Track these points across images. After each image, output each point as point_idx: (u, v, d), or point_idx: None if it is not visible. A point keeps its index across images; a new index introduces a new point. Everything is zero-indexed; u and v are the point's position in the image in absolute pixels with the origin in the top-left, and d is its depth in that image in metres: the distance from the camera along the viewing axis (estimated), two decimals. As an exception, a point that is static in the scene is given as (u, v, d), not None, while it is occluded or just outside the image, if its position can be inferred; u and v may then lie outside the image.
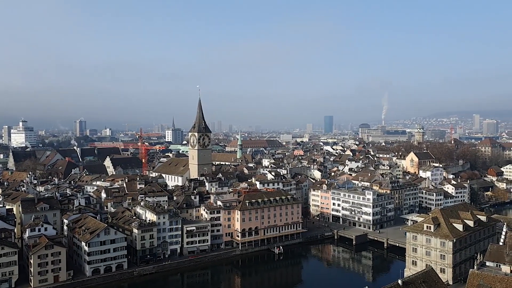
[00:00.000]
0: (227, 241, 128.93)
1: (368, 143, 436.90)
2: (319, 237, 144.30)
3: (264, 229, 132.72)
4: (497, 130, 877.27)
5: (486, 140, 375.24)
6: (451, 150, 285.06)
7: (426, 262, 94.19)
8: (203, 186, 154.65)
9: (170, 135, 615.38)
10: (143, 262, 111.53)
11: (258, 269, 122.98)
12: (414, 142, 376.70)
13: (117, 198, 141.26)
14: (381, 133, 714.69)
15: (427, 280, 63.74)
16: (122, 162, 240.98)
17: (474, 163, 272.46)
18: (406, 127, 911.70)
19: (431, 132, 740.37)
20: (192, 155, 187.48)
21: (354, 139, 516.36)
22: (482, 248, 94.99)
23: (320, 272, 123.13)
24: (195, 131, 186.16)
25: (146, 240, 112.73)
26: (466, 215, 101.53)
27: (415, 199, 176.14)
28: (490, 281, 62.71)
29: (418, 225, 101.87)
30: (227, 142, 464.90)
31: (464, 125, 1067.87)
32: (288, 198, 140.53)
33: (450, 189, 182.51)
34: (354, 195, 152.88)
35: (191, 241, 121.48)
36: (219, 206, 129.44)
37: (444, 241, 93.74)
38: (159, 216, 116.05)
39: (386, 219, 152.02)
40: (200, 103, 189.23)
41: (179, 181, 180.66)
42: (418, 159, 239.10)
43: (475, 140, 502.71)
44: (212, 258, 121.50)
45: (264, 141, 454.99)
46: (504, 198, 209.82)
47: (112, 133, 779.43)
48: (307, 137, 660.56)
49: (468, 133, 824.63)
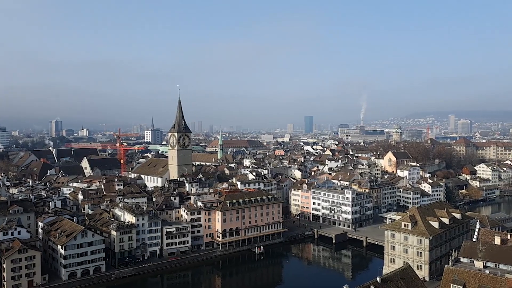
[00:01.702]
0: (207, 242, 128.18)
1: (347, 143, 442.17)
2: (300, 237, 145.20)
3: (245, 229, 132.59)
4: (471, 130, 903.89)
5: (460, 140, 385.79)
6: (428, 150, 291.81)
7: (403, 260, 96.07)
8: (183, 187, 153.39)
9: (149, 135, 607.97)
10: (122, 265, 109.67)
11: (239, 269, 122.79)
12: (392, 142, 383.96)
13: (94, 200, 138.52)
14: (360, 133, 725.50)
15: (404, 277, 65.00)
16: (100, 163, 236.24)
17: (450, 162, 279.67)
18: (384, 127, 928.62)
19: (409, 132, 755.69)
20: (172, 155, 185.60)
21: (334, 139, 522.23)
22: (457, 245, 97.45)
23: (301, 271, 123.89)
24: (175, 131, 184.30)
25: (125, 242, 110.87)
26: (442, 213, 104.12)
27: (393, 197, 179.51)
28: (464, 276, 64.47)
29: (396, 223, 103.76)
30: (207, 142, 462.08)
31: (440, 125, 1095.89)
32: (269, 198, 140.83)
33: (426, 188, 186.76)
34: (333, 194, 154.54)
35: (171, 243, 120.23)
36: (200, 207, 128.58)
37: (420, 238, 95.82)
38: (138, 218, 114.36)
39: (365, 218, 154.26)
40: (180, 103, 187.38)
41: (159, 182, 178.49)
42: (396, 158, 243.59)
43: (450, 139, 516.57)
44: (193, 259, 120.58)
45: (245, 141, 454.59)
46: (478, 196, 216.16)
47: (89, 134, 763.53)
48: (288, 137, 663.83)
49: (444, 133, 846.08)
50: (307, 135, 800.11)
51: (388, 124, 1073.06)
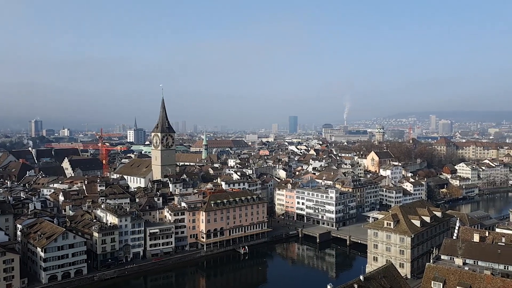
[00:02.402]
0: (191, 243, 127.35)
1: (331, 143, 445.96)
2: (284, 236, 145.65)
3: (230, 229, 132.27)
4: (451, 130, 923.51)
5: (441, 140, 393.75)
6: (410, 149, 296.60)
7: (386, 258, 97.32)
8: (167, 188, 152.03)
9: (132, 135, 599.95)
10: (104, 267, 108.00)
11: (224, 270, 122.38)
12: (374, 142, 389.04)
13: (76, 201, 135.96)
14: (343, 133, 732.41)
15: (387, 275, 65.81)
16: (81, 164, 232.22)
17: (431, 162, 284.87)
18: (367, 127, 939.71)
19: (391, 132, 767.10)
20: (155, 155, 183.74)
21: (318, 139, 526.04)
22: (437, 243, 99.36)
23: (285, 270, 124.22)
24: (158, 131, 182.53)
25: (107, 243, 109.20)
26: (423, 211, 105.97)
27: (376, 197, 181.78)
28: (445, 273, 65.70)
29: (379, 222, 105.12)
30: (191, 143, 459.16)
31: (422, 125, 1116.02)
32: (254, 198, 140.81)
33: (408, 187, 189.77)
34: (317, 194, 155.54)
35: (155, 244, 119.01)
36: (183, 207, 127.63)
37: (403, 237, 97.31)
38: (120, 219, 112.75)
39: (349, 217, 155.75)
40: (163, 103, 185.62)
41: (142, 183, 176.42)
42: (379, 158, 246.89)
43: (431, 139, 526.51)
44: (177, 260, 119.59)
45: (230, 141, 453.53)
46: (458, 194, 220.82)
47: (70, 134, 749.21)
48: (272, 137, 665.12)
49: (425, 133, 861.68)
50: (292, 135, 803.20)
51: (371, 124, 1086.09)
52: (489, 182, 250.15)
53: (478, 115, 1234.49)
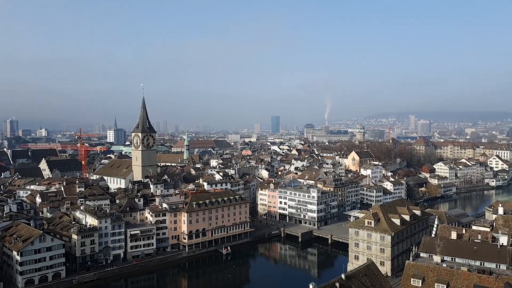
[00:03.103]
0: (173, 244, 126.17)
1: (313, 143, 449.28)
2: (267, 236, 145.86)
3: (212, 230, 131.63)
4: (430, 130, 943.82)
5: (420, 140, 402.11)
6: (390, 149, 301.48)
7: (367, 256, 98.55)
8: (148, 189, 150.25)
9: (112, 135, 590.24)
10: (84, 269, 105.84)
11: (206, 270, 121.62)
12: (355, 142, 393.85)
13: (54, 203, 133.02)
14: (325, 133, 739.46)
15: (368, 273, 66.58)
16: (59, 165, 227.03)
17: (410, 161, 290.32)
18: (348, 127, 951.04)
19: (371, 132, 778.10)
20: (135, 156, 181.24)
21: (300, 139, 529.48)
22: (417, 240, 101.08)
23: (267, 270, 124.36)
24: (139, 131, 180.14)
25: (86, 246, 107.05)
26: (403, 210, 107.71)
27: (356, 196, 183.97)
28: (424, 270, 66.98)
29: (360, 221, 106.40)
30: (173, 143, 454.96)
31: (401, 125, 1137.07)
32: (236, 198, 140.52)
33: (388, 186, 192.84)
34: (299, 193, 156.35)
35: (136, 245, 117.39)
36: (165, 208, 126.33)
37: (383, 235, 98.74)
38: (100, 221, 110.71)
39: (330, 216, 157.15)
40: (144, 102, 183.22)
41: (122, 184, 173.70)
42: (359, 157, 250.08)
43: (410, 139, 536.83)
44: (158, 262, 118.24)
45: (212, 141, 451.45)
46: (436, 193, 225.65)
47: (48, 134, 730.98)
48: (255, 137, 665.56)
49: (405, 132, 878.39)
50: (274, 135, 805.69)
51: (352, 124, 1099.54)
52: (466, 181, 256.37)
53: (456, 115, 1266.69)
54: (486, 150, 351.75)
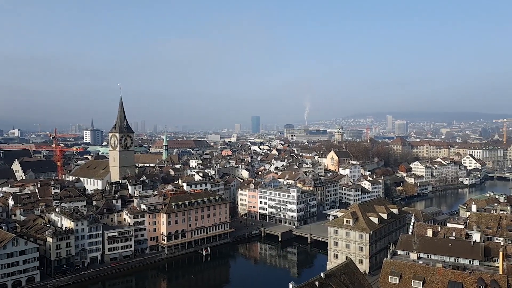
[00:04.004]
0: (152, 246, 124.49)
1: (293, 143, 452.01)
2: (247, 236, 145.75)
3: (191, 231, 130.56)
4: (406, 130, 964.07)
5: (397, 139, 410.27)
6: (367, 149, 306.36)
7: (346, 255, 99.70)
8: (126, 190, 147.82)
9: (89, 135, 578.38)
10: (59, 273, 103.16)
11: (185, 272, 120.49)
12: (334, 142, 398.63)
13: (27, 205, 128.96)
14: (304, 133, 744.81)
15: (347, 272, 67.29)
16: (33, 166, 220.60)
17: (388, 160, 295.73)
18: (327, 127, 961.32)
19: (350, 132, 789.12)
20: (113, 157, 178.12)
21: (280, 139, 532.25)
22: (394, 238, 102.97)
23: (248, 270, 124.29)
24: (116, 132, 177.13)
25: (62, 249, 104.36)
26: (381, 208, 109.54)
27: (335, 195, 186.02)
28: (401, 268, 68.27)
29: (339, 219, 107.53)
30: (151, 143, 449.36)
31: (379, 125, 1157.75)
32: (216, 198, 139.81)
33: (366, 185, 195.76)
34: (279, 193, 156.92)
35: (113, 247, 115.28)
36: (143, 209, 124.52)
37: (361, 233, 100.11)
38: (77, 223, 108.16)
39: (310, 215, 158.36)
40: (121, 102, 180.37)
41: (99, 185, 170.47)
42: (338, 157, 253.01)
43: (388, 139, 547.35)
44: (136, 264, 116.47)
45: (192, 142, 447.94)
46: (413, 192, 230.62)
47: (21, 134, 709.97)
48: (235, 137, 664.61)
49: (382, 132, 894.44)
50: (254, 135, 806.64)
51: (331, 124, 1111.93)
52: (441, 179, 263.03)
53: (431, 116, 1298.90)
54: (460, 149, 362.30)
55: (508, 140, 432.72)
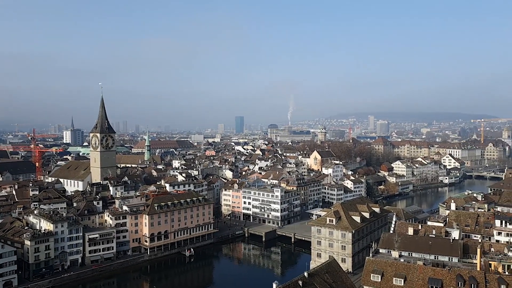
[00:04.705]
0: (134, 247, 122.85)
1: (276, 143, 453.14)
2: (230, 236, 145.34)
3: (174, 232, 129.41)
4: (388, 130, 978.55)
5: (379, 139, 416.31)
6: (350, 149, 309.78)
7: (329, 254, 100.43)
8: (107, 191, 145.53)
9: (69, 136, 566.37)
10: (38, 277, 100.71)
11: (168, 273, 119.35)
12: (317, 142, 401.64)
13: (4, 208, 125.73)
14: (288, 133, 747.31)
15: (330, 271, 67.75)
16: (10, 167, 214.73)
17: (369, 160, 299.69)
18: (310, 127, 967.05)
19: (332, 132, 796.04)
20: (94, 157, 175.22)
21: (264, 139, 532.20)
22: (376, 237, 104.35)
23: (231, 271, 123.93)
24: (97, 132, 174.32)
25: (41, 252, 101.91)
26: (363, 207, 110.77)
27: (318, 194, 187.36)
28: (383, 266, 69.17)
29: (322, 219, 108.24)
30: (133, 143, 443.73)
31: (361, 125, 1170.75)
32: (199, 199, 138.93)
33: (349, 184, 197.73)
34: (263, 193, 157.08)
35: (94, 250, 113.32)
36: (125, 211, 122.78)
37: (344, 232, 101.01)
38: (56, 225, 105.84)
39: (293, 215, 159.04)
40: (102, 102, 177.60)
41: (80, 186, 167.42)
42: (321, 157, 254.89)
43: (370, 139, 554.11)
44: (118, 266, 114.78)
45: (174, 142, 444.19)
46: (394, 191, 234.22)
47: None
48: (219, 137, 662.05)
49: (364, 132, 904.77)
50: (238, 135, 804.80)
51: (314, 124, 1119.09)
52: (422, 178, 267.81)
53: (412, 116, 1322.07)
54: (440, 149, 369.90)
55: (485, 139, 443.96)
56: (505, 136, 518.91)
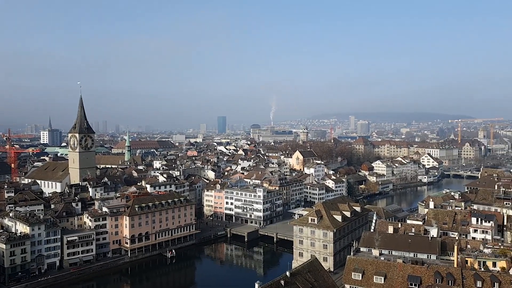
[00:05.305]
0: (114, 249, 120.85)
1: (259, 143, 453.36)
2: (213, 237, 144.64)
3: (156, 233, 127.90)
4: (368, 130, 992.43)
5: (360, 139, 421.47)
6: (331, 148, 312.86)
7: (311, 253, 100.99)
8: (86, 192, 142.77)
9: (46, 136, 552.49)
10: (13, 281, 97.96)
11: (149, 275, 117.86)
12: (299, 142, 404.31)
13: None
14: (271, 133, 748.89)
15: (311, 270, 68.15)
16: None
17: (350, 160, 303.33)
18: (292, 127, 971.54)
19: (314, 132, 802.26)
20: (72, 158, 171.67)
21: (246, 139, 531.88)
22: (357, 236, 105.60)
23: (213, 272, 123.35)
24: (76, 132, 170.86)
25: (16, 255, 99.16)
26: (344, 207, 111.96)
27: (301, 194, 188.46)
28: (363, 264, 69.99)
29: (304, 218, 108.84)
30: (113, 144, 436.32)
31: (342, 125, 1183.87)
32: (181, 200, 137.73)
33: (330, 184, 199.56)
34: (246, 193, 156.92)
35: (73, 252, 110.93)
36: (105, 212, 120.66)
37: (326, 231, 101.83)
38: (33, 228, 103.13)
39: (276, 215, 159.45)
40: (81, 101, 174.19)
41: (58, 188, 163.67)
42: (303, 157, 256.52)
43: (351, 139, 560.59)
44: (98, 269, 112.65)
45: (155, 142, 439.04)
46: (375, 190, 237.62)
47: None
48: (201, 137, 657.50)
49: (345, 132, 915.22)
50: (221, 135, 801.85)
51: (296, 124, 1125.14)
52: (402, 178, 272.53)
53: (392, 116, 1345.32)
54: (419, 148, 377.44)
55: (462, 139, 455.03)
56: (481, 136, 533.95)
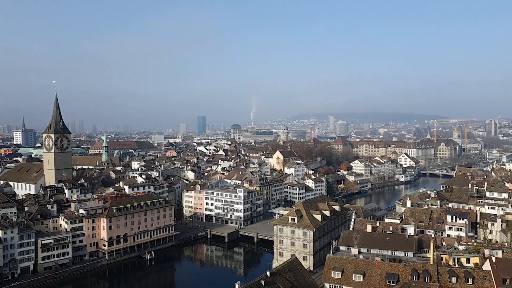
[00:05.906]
0: (92, 252, 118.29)
1: (240, 143, 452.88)
2: (192, 238, 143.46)
3: (134, 235, 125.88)
4: (347, 130, 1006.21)
5: (339, 139, 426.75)
6: (311, 148, 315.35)
7: (291, 252, 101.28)
8: (62, 194, 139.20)
9: (20, 137, 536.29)
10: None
11: (128, 277, 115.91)
12: (279, 142, 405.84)
13: None
14: (251, 133, 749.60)
15: (292, 269, 68.45)
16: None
17: (330, 159, 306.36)
18: (273, 127, 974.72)
19: (294, 132, 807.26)
20: (47, 159, 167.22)
21: (227, 139, 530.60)
22: (336, 235, 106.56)
23: (193, 273, 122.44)
24: (51, 132, 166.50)
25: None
26: (324, 206, 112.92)
27: (281, 194, 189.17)
28: (343, 263, 70.72)
29: (284, 218, 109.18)
30: (90, 144, 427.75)
31: (321, 125, 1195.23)
32: (160, 201, 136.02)
33: (310, 184, 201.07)
34: (226, 194, 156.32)
35: (48, 256, 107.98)
36: (82, 214, 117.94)
37: (306, 231, 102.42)
38: (5, 231, 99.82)
39: (256, 215, 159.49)
40: (57, 101, 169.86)
41: (32, 189, 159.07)
42: (283, 157, 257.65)
43: (330, 139, 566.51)
44: (74, 272, 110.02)
45: (134, 142, 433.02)
46: (353, 189, 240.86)
47: None
48: (180, 137, 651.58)
49: (325, 133, 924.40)
50: (201, 136, 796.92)
51: (277, 124, 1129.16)
52: (380, 177, 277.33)
53: (370, 116, 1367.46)
54: (396, 148, 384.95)
55: (438, 139, 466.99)
56: (456, 136, 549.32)
